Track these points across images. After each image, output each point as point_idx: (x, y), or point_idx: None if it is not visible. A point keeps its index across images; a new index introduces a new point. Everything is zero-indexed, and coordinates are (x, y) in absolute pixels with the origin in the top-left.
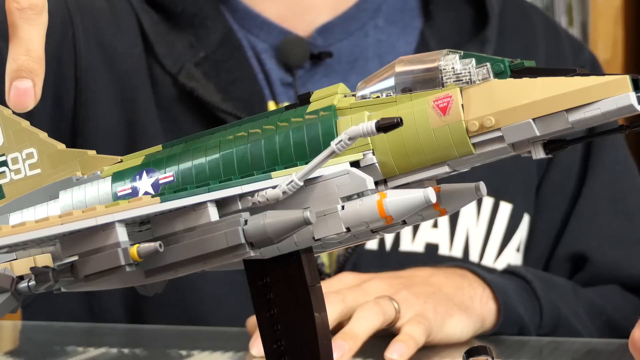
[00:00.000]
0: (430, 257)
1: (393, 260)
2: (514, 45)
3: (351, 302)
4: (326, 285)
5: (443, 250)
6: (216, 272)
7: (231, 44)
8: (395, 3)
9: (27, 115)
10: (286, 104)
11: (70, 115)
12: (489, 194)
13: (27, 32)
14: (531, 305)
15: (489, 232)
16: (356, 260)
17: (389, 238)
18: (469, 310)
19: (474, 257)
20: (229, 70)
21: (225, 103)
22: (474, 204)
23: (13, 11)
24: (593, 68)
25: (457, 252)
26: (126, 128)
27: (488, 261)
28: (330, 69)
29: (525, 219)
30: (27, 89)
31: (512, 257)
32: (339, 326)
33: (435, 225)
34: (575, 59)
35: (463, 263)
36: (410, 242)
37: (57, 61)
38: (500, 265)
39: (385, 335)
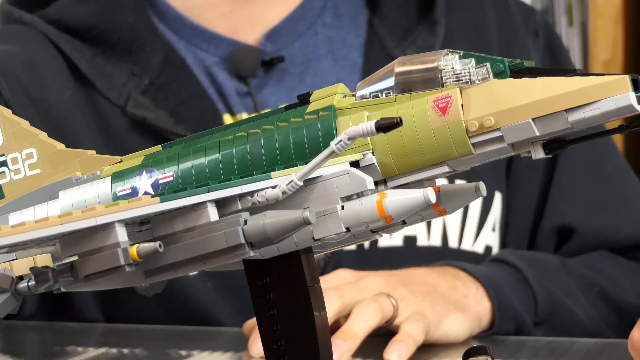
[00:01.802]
0: (410, 249)
1: (373, 257)
2: (464, 21)
3: (349, 299)
4: (323, 282)
5: (422, 241)
6: (216, 273)
7: (174, 64)
8: None
9: None
10: (244, 114)
11: None
12: (460, 177)
13: None
14: (525, 296)
15: (464, 215)
16: (336, 262)
17: None
18: (464, 309)
19: (453, 243)
20: (176, 92)
21: (178, 126)
22: None
23: None
24: (547, 32)
25: (436, 241)
26: None
27: (467, 245)
28: (284, 72)
29: (497, 198)
30: None
31: (489, 237)
32: (337, 322)
33: None
34: (526, 25)
35: (455, 262)
36: (389, 237)
37: None
38: (478, 247)
39: (384, 333)
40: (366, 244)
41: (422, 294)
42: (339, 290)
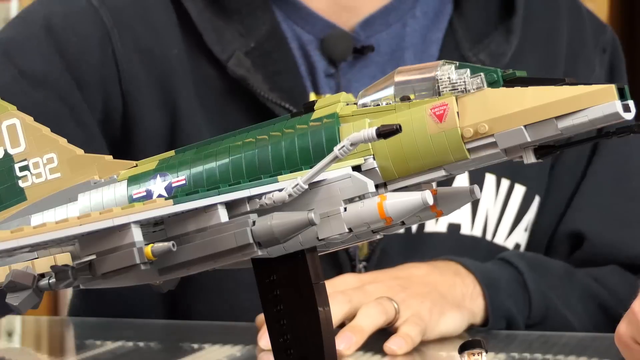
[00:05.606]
0: (453, 236)
1: (419, 242)
2: (538, 31)
3: (356, 303)
4: (330, 286)
5: (465, 230)
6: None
7: (278, 36)
8: None
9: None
10: (328, 95)
11: (119, 133)
12: (506, 176)
13: None
14: (521, 298)
15: (502, 212)
16: (385, 244)
17: None
18: (461, 306)
19: (488, 236)
20: (275, 62)
21: (272, 93)
22: (493, 185)
23: None
24: (613, 50)
25: (478, 232)
26: (170, 130)
27: (499, 239)
28: (369, 60)
29: (536, 201)
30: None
31: (521, 236)
32: (343, 324)
33: None
34: (596, 41)
35: (457, 257)
36: (434, 224)
37: (102, 81)
38: (509, 243)
39: (385, 332)
40: (413, 228)
41: (422, 296)
42: (347, 294)
